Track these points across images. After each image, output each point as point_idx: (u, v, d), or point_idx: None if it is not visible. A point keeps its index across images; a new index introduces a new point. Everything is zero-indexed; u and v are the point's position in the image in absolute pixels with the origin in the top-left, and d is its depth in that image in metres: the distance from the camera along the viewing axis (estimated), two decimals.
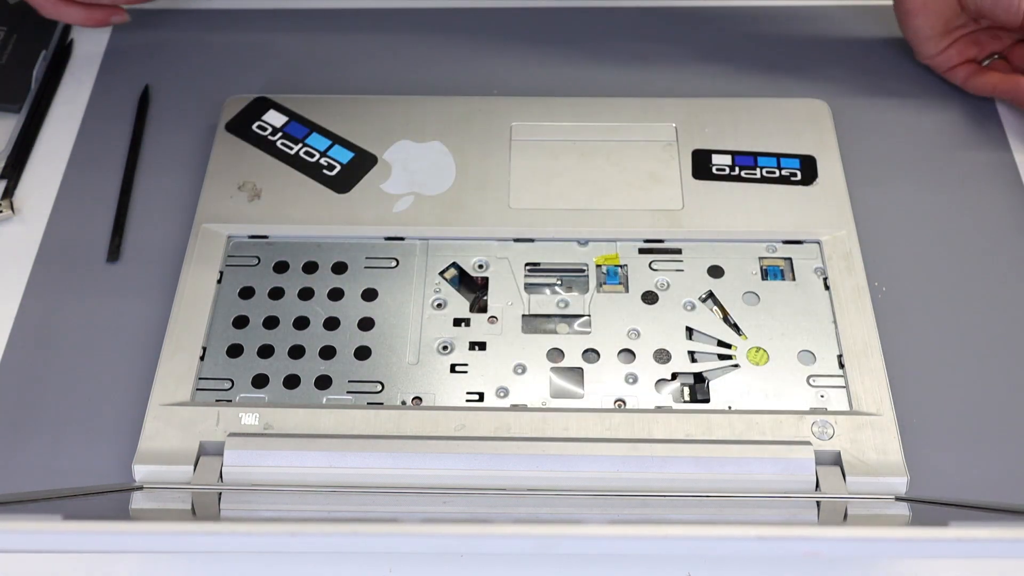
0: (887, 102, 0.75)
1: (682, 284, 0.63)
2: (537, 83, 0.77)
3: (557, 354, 0.61)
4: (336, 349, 0.61)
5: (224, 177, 0.68)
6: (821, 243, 0.64)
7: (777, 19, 0.81)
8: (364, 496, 0.55)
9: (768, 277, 0.64)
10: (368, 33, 0.80)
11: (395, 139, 0.70)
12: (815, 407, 0.58)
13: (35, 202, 0.71)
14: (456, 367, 0.60)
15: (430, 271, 0.64)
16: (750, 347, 0.61)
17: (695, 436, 0.57)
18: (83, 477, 0.58)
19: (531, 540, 0.42)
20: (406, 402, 0.59)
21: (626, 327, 0.62)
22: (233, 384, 0.60)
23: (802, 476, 0.55)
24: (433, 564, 0.56)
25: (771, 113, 0.71)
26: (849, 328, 0.61)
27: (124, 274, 0.67)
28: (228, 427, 0.57)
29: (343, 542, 0.44)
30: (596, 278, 0.64)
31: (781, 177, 0.68)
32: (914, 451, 0.57)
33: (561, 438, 0.57)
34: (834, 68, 0.77)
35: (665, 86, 0.76)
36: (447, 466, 0.55)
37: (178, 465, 0.56)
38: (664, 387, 0.59)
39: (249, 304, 0.63)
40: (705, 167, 0.68)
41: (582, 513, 0.54)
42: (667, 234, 0.65)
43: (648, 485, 0.55)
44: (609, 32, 0.80)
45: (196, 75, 0.78)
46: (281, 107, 0.72)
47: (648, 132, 0.70)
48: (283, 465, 0.56)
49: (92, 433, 0.60)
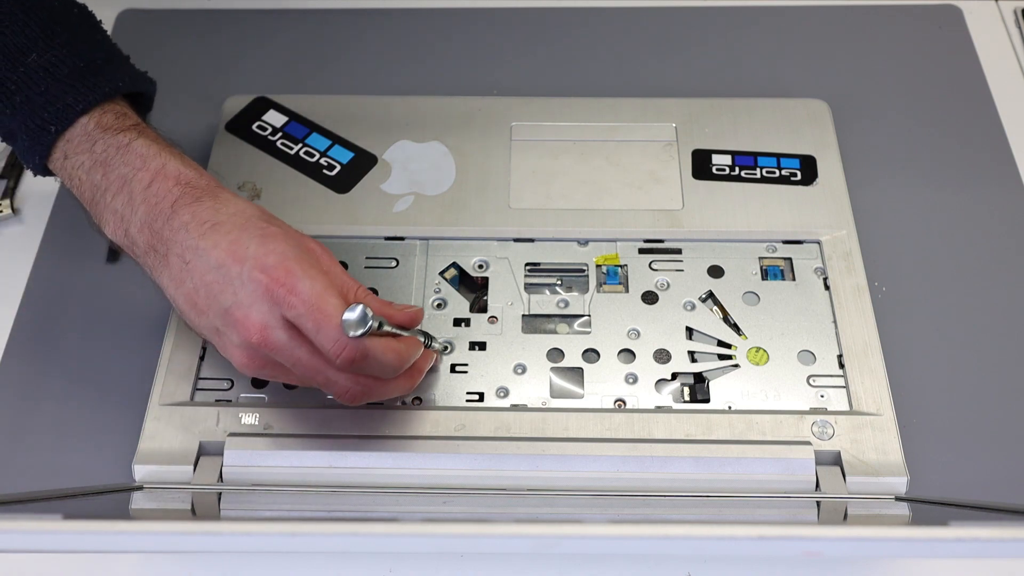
0: (887, 102, 0.75)
1: (682, 284, 0.63)
2: (537, 83, 0.77)
3: (557, 354, 0.61)
4: None
5: (224, 177, 0.68)
6: (821, 243, 0.64)
7: (777, 19, 0.81)
8: (364, 496, 0.55)
9: (768, 277, 0.64)
10: (368, 33, 0.80)
11: (395, 139, 0.70)
12: (815, 407, 0.58)
13: (35, 202, 0.71)
14: (456, 367, 0.60)
15: (430, 271, 0.64)
16: (750, 347, 0.61)
17: (695, 436, 0.57)
18: (83, 477, 0.58)
19: (531, 540, 0.42)
20: (406, 402, 0.59)
21: (626, 327, 0.62)
22: (233, 384, 0.60)
23: (802, 476, 0.55)
24: (433, 564, 0.56)
25: (771, 113, 0.71)
26: (849, 328, 0.61)
27: (124, 274, 0.66)
28: (228, 427, 0.57)
29: (343, 542, 0.44)
30: (596, 278, 0.64)
31: (781, 177, 0.68)
32: (914, 451, 0.57)
33: (561, 438, 0.57)
34: (834, 68, 0.77)
35: (665, 86, 0.76)
36: (447, 466, 0.55)
37: (178, 465, 0.56)
38: (664, 387, 0.59)
39: None
40: (705, 167, 0.68)
41: (582, 513, 0.54)
42: (667, 234, 0.65)
43: (648, 485, 0.55)
44: (609, 32, 0.80)
45: (196, 75, 0.78)
46: (281, 107, 0.71)
47: (648, 132, 0.70)
48: (283, 465, 0.56)
49: (92, 433, 0.60)
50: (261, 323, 0.52)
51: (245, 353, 0.54)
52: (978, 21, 0.80)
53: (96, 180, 0.56)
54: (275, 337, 0.52)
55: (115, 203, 0.55)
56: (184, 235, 0.54)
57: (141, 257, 0.56)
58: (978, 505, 0.53)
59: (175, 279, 0.54)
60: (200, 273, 0.53)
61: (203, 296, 0.53)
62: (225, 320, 0.53)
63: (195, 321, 0.55)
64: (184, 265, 0.54)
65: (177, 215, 0.54)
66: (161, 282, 0.55)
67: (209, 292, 0.53)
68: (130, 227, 0.55)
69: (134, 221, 0.55)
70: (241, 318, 0.52)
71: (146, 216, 0.55)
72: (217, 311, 0.53)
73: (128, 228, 0.55)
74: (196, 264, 0.53)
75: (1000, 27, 0.80)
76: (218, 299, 0.53)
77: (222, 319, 0.53)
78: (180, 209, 0.54)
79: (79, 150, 0.57)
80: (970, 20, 0.80)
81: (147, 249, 0.55)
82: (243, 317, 0.52)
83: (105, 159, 0.56)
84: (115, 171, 0.56)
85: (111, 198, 0.56)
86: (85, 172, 0.56)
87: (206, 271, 0.53)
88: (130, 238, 0.55)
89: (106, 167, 0.56)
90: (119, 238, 0.56)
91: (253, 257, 0.52)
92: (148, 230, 0.55)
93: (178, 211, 0.54)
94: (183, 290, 0.54)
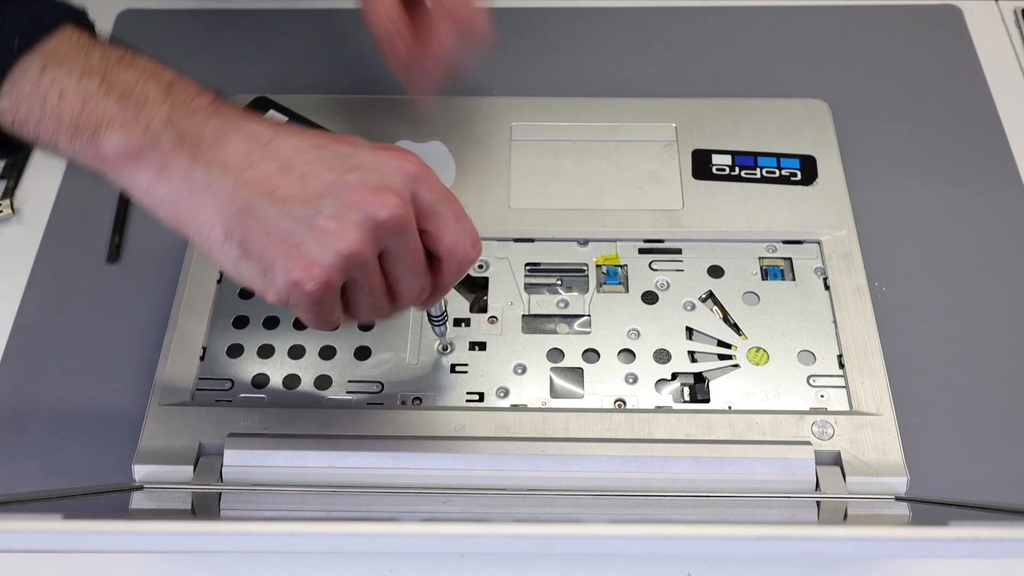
0: (887, 102, 0.75)
1: (682, 284, 0.63)
2: (537, 83, 0.77)
3: (557, 354, 0.61)
4: (336, 349, 0.61)
5: None
6: (821, 243, 0.64)
7: (777, 19, 0.81)
8: (364, 496, 0.55)
9: (768, 277, 0.64)
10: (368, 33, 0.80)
11: (395, 139, 0.70)
12: (815, 407, 0.58)
13: (35, 202, 0.71)
14: (456, 367, 0.60)
15: None
16: (750, 347, 0.61)
17: (695, 436, 0.57)
18: (83, 477, 0.58)
19: (531, 540, 0.42)
20: (406, 402, 0.59)
21: (626, 327, 0.62)
22: (233, 384, 0.60)
23: (802, 476, 0.55)
24: (433, 564, 0.56)
25: (771, 113, 0.71)
26: (849, 328, 0.61)
27: (124, 274, 0.67)
28: (228, 427, 0.57)
29: (343, 542, 0.44)
30: (596, 278, 0.64)
31: (781, 177, 0.68)
32: (914, 451, 0.57)
33: (561, 438, 0.57)
34: (834, 68, 0.77)
35: (665, 86, 0.76)
36: (447, 466, 0.55)
37: (178, 465, 0.56)
38: (664, 387, 0.59)
39: (249, 304, 0.63)
40: (705, 167, 0.68)
41: (582, 513, 0.54)
42: (667, 234, 0.65)
43: (648, 485, 0.55)
44: (609, 32, 0.80)
45: (196, 75, 0.77)
46: (281, 107, 0.71)
47: (648, 132, 0.70)
48: (283, 465, 0.55)
49: (92, 433, 0.60)
50: (397, 193, 0.46)
51: (364, 233, 0.45)
52: (978, 21, 0.80)
53: (90, 88, 0.47)
54: (406, 213, 0.46)
55: (124, 103, 0.47)
56: (249, 122, 0.47)
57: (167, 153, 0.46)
58: (978, 505, 0.53)
59: (237, 164, 0.45)
60: (288, 154, 0.46)
61: (292, 178, 0.45)
62: (340, 195, 0.45)
63: (265, 212, 0.45)
64: (260, 147, 0.46)
65: (225, 109, 0.48)
66: (195, 177, 0.46)
67: (304, 172, 0.45)
68: (152, 123, 0.46)
69: (156, 117, 0.47)
70: (371, 189, 0.45)
71: (173, 112, 0.47)
72: (319, 189, 0.45)
73: (150, 123, 0.46)
74: (280, 145, 0.46)
75: (1000, 27, 0.80)
76: (322, 177, 0.45)
77: (333, 197, 0.45)
78: (225, 107, 0.48)
79: (65, 59, 0.48)
80: (970, 20, 0.80)
81: (176, 144, 0.46)
82: (377, 187, 0.45)
83: (104, 68, 0.48)
84: (118, 77, 0.48)
85: (115, 100, 0.47)
86: (73, 82, 0.47)
87: (296, 151, 0.46)
88: (151, 134, 0.46)
89: (105, 75, 0.47)
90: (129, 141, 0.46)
91: (367, 143, 0.47)
92: (181, 122, 0.47)
93: (223, 108, 0.48)
94: (254, 174, 0.45)
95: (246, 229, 0.45)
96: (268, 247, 0.45)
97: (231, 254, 0.46)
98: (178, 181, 0.46)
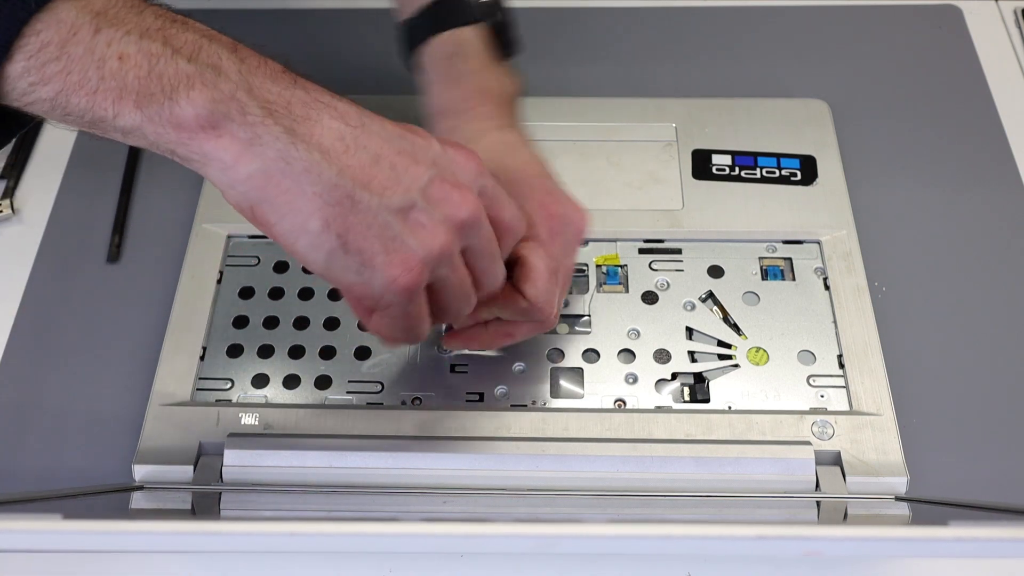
0: (887, 102, 0.75)
1: (682, 284, 0.63)
2: (537, 83, 0.77)
3: (557, 354, 0.61)
4: (336, 349, 0.61)
5: None
6: (821, 243, 0.64)
7: (777, 19, 0.81)
8: (364, 496, 0.55)
9: (768, 277, 0.64)
10: (368, 33, 0.80)
11: None
12: (815, 407, 0.58)
13: (35, 202, 0.71)
14: (456, 367, 0.60)
15: None
16: (750, 347, 0.61)
17: (695, 436, 0.57)
18: (83, 477, 0.58)
19: (531, 540, 0.42)
20: (406, 402, 0.59)
21: (626, 327, 0.62)
22: (233, 384, 0.60)
23: (802, 476, 0.55)
24: (433, 564, 0.56)
25: (771, 113, 0.71)
26: (849, 328, 0.61)
27: (124, 274, 0.66)
28: (228, 427, 0.57)
29: (343, 542, 0.44)
30: (596, 278, 0.64)
31: (781, 177, 0.68)
32: (914, 451, 0.57)
33: (561, 438, 0.57)
34: (834, 68, 0.77)
35: (665, 86, 0.76)
36: (447, 466, 0.55)
37: (178, 465, 0.56)
38: (664, 387, 0.59)
39: (249, 304, 0.63)
40: (705, 167, 0.68)
41: (582, 513, 0.54)
42: (667, 234, 0.65)
43: (648, 485, 0.55)
44: (609, 32, 0.80)
45: None
46: None
47: (648, 132, 0.70)
48: (283, 465, 0.55)
49: (92, 433, 0.60)
50: (471, 190, 0.46)
51: (450, 228, 0.45)
52: (978, 21, 0.80)
53: (154, 48, 0.42)
54: (481, 209, 0.46)
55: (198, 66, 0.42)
56: (332, 98, 0.45)
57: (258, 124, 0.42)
58: (978, 505, 0.53)
59: (334, 148, 0.43)
60: (380, 141, 0.44)
61: (385, 169, 0.43)
62: (427, 190, 0.44)
63: (367, 204, 0.43)
64: (351, 130, 0.43)
65: (301, 80, 0.45)
66: (293, 156, 0.42)
67: (395, 164, 0.44)
68: (236, 89, 0.42)
69: (236, 81, 0.43)
70: (452, 186, 0.45)
71: (251, 77, 0.43)
72: (408, 183, 0.44)
73: (234, 90, 0.42)
74: (369, 131, 0.44)
75: (1000, 27, 0.80)
76: (410, 170, 0.44)
77: (420, 191, 0.44)
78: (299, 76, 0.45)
79: (118, 19, 0.42)
80: (970, 20, 0.80)
81: (265, 114, 0.42)
82: (455, 184, 0.45)
83: (162, 28, 0.43)
84: (180, 37, 0.43)
85: (185, 61, 0.42)
86: (133, 41, 0.42)
87: (384, 140, 0.44)
88: (237, 101, 0.42)
89: (166, 37, 0.42)
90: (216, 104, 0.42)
91: (433, 136, 0.47)
92: (263, 89, 0.43)
93: (298, 78, 0.45)
94: (351, 161, 0.43)
95: (347, 221, 0.43)
96: (368, 240, 0.43)
97: (326, 246, 0.43)
98: (272, 159, 0.42)
